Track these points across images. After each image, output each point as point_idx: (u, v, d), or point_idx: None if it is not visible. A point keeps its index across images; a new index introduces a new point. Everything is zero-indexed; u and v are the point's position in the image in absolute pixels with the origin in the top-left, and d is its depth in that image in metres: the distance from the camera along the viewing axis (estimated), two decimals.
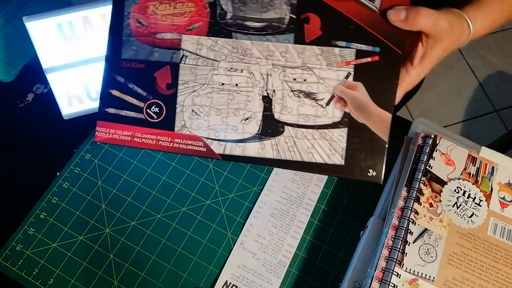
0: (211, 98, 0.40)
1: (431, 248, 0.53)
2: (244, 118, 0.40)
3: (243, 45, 0.40)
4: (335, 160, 0.40)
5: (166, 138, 0.40)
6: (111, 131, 0.41)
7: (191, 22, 0.40)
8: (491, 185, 0.58)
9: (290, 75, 0.40)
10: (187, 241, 0.59)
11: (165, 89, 0.40)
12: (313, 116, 0.40)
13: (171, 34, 0.40)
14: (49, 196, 0.61)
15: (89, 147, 0.64)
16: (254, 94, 0.40)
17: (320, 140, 0.40)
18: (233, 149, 0.40)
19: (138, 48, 0.40)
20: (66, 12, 0.56)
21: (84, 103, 0.60)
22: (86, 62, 0.59)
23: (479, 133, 1.58)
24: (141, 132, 0.40)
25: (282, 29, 0.40)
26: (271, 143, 0.40)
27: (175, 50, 0.40)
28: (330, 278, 0.58)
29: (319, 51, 0.40)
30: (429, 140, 0.59)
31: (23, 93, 0.66)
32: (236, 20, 0.40)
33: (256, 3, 0.40)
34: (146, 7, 0.40)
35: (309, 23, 0.40)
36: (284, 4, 0.40)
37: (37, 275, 0.56)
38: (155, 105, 0.40)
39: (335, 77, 0.40)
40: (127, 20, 0.40)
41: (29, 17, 0.55)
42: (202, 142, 0.40)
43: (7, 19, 0.60)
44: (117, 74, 0.40)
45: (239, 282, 0.57)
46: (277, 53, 0.40)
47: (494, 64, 1.70)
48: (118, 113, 0.40)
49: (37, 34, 0.56)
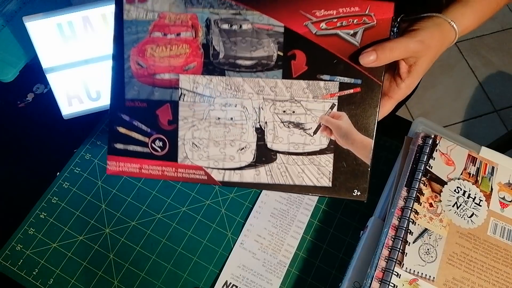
0: (209, 131, 0.44)
1: (431, 248, 0.53)
2: (240, 148, 0.44)
3: (235, 82, 0.43)
4: (323, 182, 0.44)
5: (171, 169, 0.44)
6: (120, 164, 0.44)
7: (187, 62, 0.43)
8: (491, 185, 0.58)
9: (280, 108, 0.44)
10: (187, 241, 0.59)
11: (166, 125, 0.44)
12: (302, 144, 0.44)
13: (169, 74, 0.43)
14: (49, 196, 0.61)
15: (89, 147, 0.64)
16: (248, 126, 0.44)
17: (309, 165, 0.44)
18: (231, 176, 0.44)
19: (139, 88, 0.43)
20: (66, 12, 0.56)
21: (84, 103, 0.60)
22: (86, 62, 0.59)
23: (479, 133, 1.58)
24: (147, 164, 0.44)
25: (270, 66, 0.43)
26: (265, 169, 0.44)
27: (174, 89, 0.43)
28: (330, 278, 0.58)
29: (306, 85, 0.43)
30: (429, 140, 0.59)
31: (23, 93, 0.66)
32: (228, 59, 0.43)
33: (246, 43, 0.43)
34: (144, 50, 0.43)
35: (296, 59, 0.43)
36: (272, 42, 0.43)
37: (37, 275, 0.56)
38: (159, 140, 0.44)
39: (321, 108, 0.44)
40: (128, 63, 0.43)
41: (29, 17, 0.55)
42: (203, 171, 0.44)
43: (7, 19, 0.60)
44: (122, 113, 0.44)
45: (239, 282, 0.57)
46: (267, 88, 0.43)
47: (494, 64, 1.70)
48: (126, 148, 0.44)
49: (37, 34, 0.56)
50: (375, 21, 0.42)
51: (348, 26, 0.42)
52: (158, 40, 0.43)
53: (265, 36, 0.43)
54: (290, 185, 0.44)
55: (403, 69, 0.45)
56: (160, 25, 0.43)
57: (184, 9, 0.43)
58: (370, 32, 0.42)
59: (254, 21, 0.43)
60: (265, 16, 0.43)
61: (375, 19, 0.42)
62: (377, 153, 0.53)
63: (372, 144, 0.44)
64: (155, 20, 0.43)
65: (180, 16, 0.43)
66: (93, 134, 0.65)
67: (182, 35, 0.43)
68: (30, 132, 0.65)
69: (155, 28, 0.43)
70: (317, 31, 0.43)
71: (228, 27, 0.43)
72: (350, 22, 0.42)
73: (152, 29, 0.43)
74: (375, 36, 0.42)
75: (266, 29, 0.43)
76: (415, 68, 0.45)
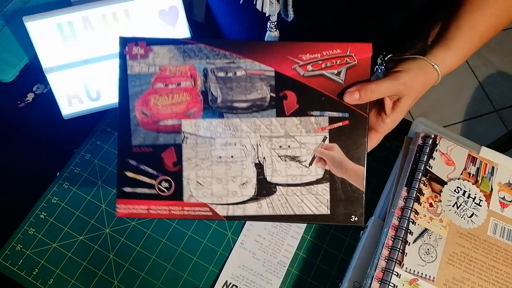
0: (211, 170, 0.47)
1: (431, 248, 0.53)
2: (242, 183, 0.47)
3: (233, 123, 0.47)
4: (322, 210, 0.47)
5: (177, 208, 0.46)
6: (129, 207, 0.46)
7: (188, 108, 0.47)
8: (491, 185, 0.58)
9: (276, 144, 0.47)
10: (187, 241, 0.59)
11: (172, 167, 0.46)
12: (299, 175, 0.47)
13: (172, 120, 0.47)
14: (49, 196, 0.61)
15: (89, 147, 0.64)
16: (248, 162, 0.47)
17: (307, 195, 0.47)
18: (235, 210, 0.46)
19: (145, 135, 0.46)
20: (66, 12, 0.56)
21: (84, 103, 0.60)
22: (86, 62, 0.59)
23: (479, 133, 1.58)
24: (155, 205, 0.46)
25: (265, 106, 0.47)
26: (267, 202, 0.47)
27: (177, 133, 0.47)
28: (330, 278, 0.58)
29: (298, 121, 0.47)
30: (429, 140, 0.59)
31: (23, 93, 0.66)
32: (225, 103, 0.47)
33: (241, 88, 0.47)
34: (148, 100, 0.46)
35: (287, 99, 0.47)
36: (264, 85, 0.47)
37: (37, 275, 0.56)
38: (165, 181, 0.46)
39: (314, 141, 0.47)
40: (133, 112, 0.47)
41: (29, 17, 0.55)
42: (208, 208, 0.46)
43: (7, 19, 0.60)
44: (129, 159, 0.46)
45: (239, 282, 0.57)
46: (263, 126, 0.47)
47: (494, 64, 1.70)
48: (134, 191, 0.46)
49: (37, 34, 0.56)
50: (356, 60, 0.47)
51: (332, 67, 0.47)
52: (161, 90, 0.47)
53: (258, 80, 0.47)
54: (291, 215, 0.47)
55: (387, 106, 0.49)
56: (162, 77, 0.47)
57: (183, 62, 0.47)
58: (352, 70, 0.47)
59: (247, 68, 0.47)
60: (256, 63, 0.47)
61: (356, 59, 0.47)
62: (377, 153, 0.53)
63: (364, 171, 0.47)
64: (157, 72, 0.47)
65: (179, 68, 0.47)
66: (93, 134, 0.65)
67: (182, 85, 0.47)
68: (30, 132, 0.65)
69: (157, 80, 0.47)
70: (304, 73, 0.47)
71: (224, 75, 0.47)
72: (334, 63, 0.47)
73: (155, 81, 0.47)
74: (357, 73, 0.47)
75: (258, 74, 0.47)
76: (398, 105, 0.49)
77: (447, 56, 0.49)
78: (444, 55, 0.49)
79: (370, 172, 0.62)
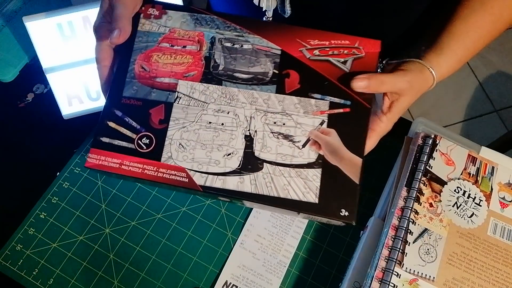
0: (198, 134, 0.45)
1: (431, 248, 0.53)
2: (227, 153, 0.44)
3: (231, 92, 0.46)
4: (310, 198, 0.43)
5: (152, 168, 0.44)
6: (101, 158, 0.44)
7: (188, 70, 0.46)
8: (491, 185, 0.58)
9: (271, 119, 0.45)
10: (187, 241, 0.59)
11: (157, 124, 0.45)
12: (290, 156, 0.44)
13: (169, 79, 0.46)
14: (49, 196, 0.61)
15: (89, 147, 0.64)
16: (238, 133, 0.45)
17: (296, 178, 0.44)
18: (214, 181, 0.44)
19: (138, 88, 0.46)
20: (66, 12, 0.56)
21: (84, 103, 0.60)
22: (86, 62, 0.59)
23: (479, 133, 1.58)
24: (129, 161, 0.44)
25: (265, 81, 0.46)
26: (250, 178, 0.44)
27: (171, 92, 0.46)
28: (330, 278, 0.58)
29: (297, 101, 0.46)
30: (429, 140, 0.59)
31: (23, 93, 0.66)
32: (226, 71, 0.47)
33: (245, 59, 0.47)
34: (150, 56, 0.47)
35: (289, 78, 0.46)
36: (269, 61, 0.47)
37: (37, 275, 0.56)
38: (146, 137, 0.45)
39: (311, 123, 0.45)
40: (132, 65, 0.46)
41: (29, 17, 0.55)
42: (185, 174, 0.44)
43: (7, 19, 0.60)
44: (116, 109, 0.45)
45: (239, 282, 0.57)
46: (260, 100, 0.46)
47: (494, 64, 1.70)
48: (111, 142, 0.45)
49: (37, 34, 0.56)
50: (364, 53, 0.47)
51: (339, 55, 0.47)
52: (165, 49, 0.47)
53: (263, 56, 0.47)
54: (274, 197, 0.43)
55: (385, 104, 0.48)
56: (169, 37, 0.48)
57: (193, 28, 0.48)
58: (359, 62, 0.47)
59: (255, 43, 0.47)
60: (264, 40, 0.47)
61: (364, 52, 0.47)
62: (377, 153, 0.53)
63: (361, 163, 0.44)
64: (166, 33, 0.48)
65: (188, 32, 0.48)
66: (93, 134, 0.65)
67: (187, 48, 0.47)
68: (30, 132, 0.65)
69: (164, 39, 0.47)
70: (310, 56, 0.47)
71: (231, 45, 0.47)
72: (341, 52, 0.47)
73: (162, 40, 0.47)
74: (364, 65, 0.46)
75: (264, 50, 0.47)
76: (396, 104, 0.48)
77: (441, 62, 0.49)
78: (438, 61, 0.49)
79: (370, 172, 0.62)
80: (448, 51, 0.50)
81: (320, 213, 0.43)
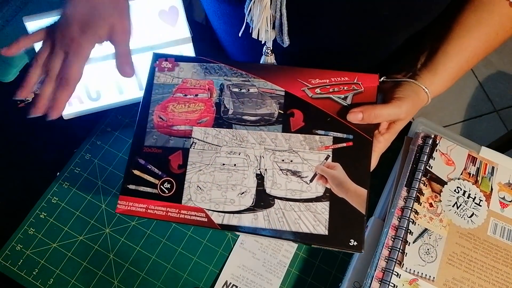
0: (213, 175, 0.48)
1: (431, 248, 0.53)
2: (241, 192, 0.47)
3: (241, 134, 0.49)
4: (320, 230, 0.46)
5: (174, 210, 0.47)
6: (129, 204, 0.48)
7: (201, 117, 0.50)
8: (491, 185, 0.58)
9: (279, 157, 0.48)
10: (187, 241, 0.59)
11: (176, 169, 0.48)
12: (299, 191, 0.47)
13: (185, 126, 0.50)
14: (49, 196, 0.61)
15: (89, 147, 0.64)
16: (249, 172, 0.48)
17: (305, 212, 0.46)
18: (230, 219, 0.47)
19: (157, 137, 0.50)
20: None
21: (84, 103, 0.60)
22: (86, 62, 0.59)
23: (479, 133, 1.58)
24: (154, 205, 0.47)
25: (272, 121, 0.49)
26: (263, 214, 0.47)
27: (187, 138, 0.50)
28: (330, 278, 0.58)
29: (303, 138, 0.49)
30: (429, 140, 0.59)
31: None
32: (236, 115, 0.50)
33: (252, 103, 0.50)
34: (166, 107, 0.51)
35: (294, 117, 0.49)
36: (274, 103, 0.50)
37: (37, 275, 0.56)
38: (167, 182, 0.48)
39: (317, 159, 0.48)
40: (151, 116, 0.51)
41: (29, 17, 0.55)
42: (204, 214, 0.47)
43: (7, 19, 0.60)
44: (139, 157, 0.49)
45: (239, 282, 0.57)
46: (268, 139, 0.49)
47: (494, 64, 1.70)
48: (137, 189, 0.48)
49: None
50: (363, 88, 0.49)
51: (339, 92, 0.49)
52: (179, 99, 0.51)
53: (269, 98, 0.50)
54: (286, 231, 0.46)
55: (383, 126, 0.50)
56: (183, 87, 0.52)
57: (203, 77, 0.52)
58: (359, 96, 0.49)
59: (260, 86, 0.51)
60: (269, 83, 0.51)
61: (363, 87, 0.49)
62: None
63: (366, 194, 0.46)
64: (179, 84, 0.52)
65: (199, 81, 0.52)
66: (93, 134, 0.65)
67: (199, 96, 0.51)
68: (30, 132, 0.65)
69: (178, 90, 0.52)
70: (312, 95, 0.50)
71: (238, 90, 0.51)
72: (341, 88, 0.50)
73: (176, 90, 0.52)
74: (364, 100, 0.49)
75: (269, 93, 0.51)
76: (394, 126, 0.50)
77: (435, 81, 0.51)
78: (432, 79, 0.51)
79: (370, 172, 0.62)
80: (442, 71, 0.51)
81: (330, 245, 0.45)
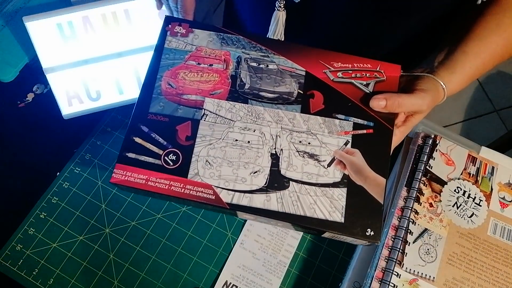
0: (224, 151, 0.45)
1: (431, 248, 0.53)
2: (253, 171, 0.45)
3: (257, 110, 0.47)
4: (336, 217, 0.44)
5: (179, 184, 0.44)
6: (127, 174, 0.44)
7: (215, 88, 0.48)
8: (491, 185, 0.58)
9: (296, 138, 0.46)
10: (187, 241, 0.59)
11: (184, 141, 0.45)
12: (315, 174, 0.45)
13: (196, 96, 0.47)
14: (49, 196, 0.61)
15: (89, 147, 0.64)
16: (264, 151, 0.45)
17: (322, 197, 0.44)
18: (241, 199, 0.43)
19: (165, 104, 0.47)
20: (66, 12, 0.56)
21: (84, 103, 0.60)
22: (86, 62, 0.59)
23: (479, 133, 1.58)
24: (155, 177, 0.44)
25: (291, 101, 0.47)
26: (277, 196, 0.44)
27: (198, 109, 0.47)
28: (330, 278, 0.58)
29: (322, 121, 0.47)
30: (429, 140, 0.59)
31: (23, 93, 0.66)
32: (252, 90, 0.48)
33: (270, 79, 0.48)
34: (177, 73, 0.48)
35: (314, 98, 0.47)
36: (294, 82, 0.48)
37: (37, 275, 0.56)
38: (173, 154, 0.45)
39: (336, 143, 0.46)
40: (159, 82, 0.47)
41: (29, 17, 0.55)
42: (212, 191, 0.44)
43: (7, 19, 0.60)
44: (142, 124, 0.46)
45: (239, 282, 0.57)
46: (285, 119, 0.47)
47: None
48: (137, 158, 0.44)
49: (37, 34, 0.56)
50: (385, 77, 0.48)
51: (361, 78, 0.48)
52: (192, 67, 0.48)
53: (288, 76, 0.48)
54: (300, 216, 0.43)
55: (400, 118, 0.49)
56: (196, 55, 0.49)
57: (220, 47, 0.49)
58: (380, 85, 0.48)
59: (280, 63, 0.49)
60: (289, 61, 0.49)
61: (385, 76, 0.48)
62: None
63: (385, 182, 0.45)
64: (193, 51, 0.49)
65: (215, 51, 0.49)
66: (93, 134, 0.65)
67: (214, 66, 0.48)
68: (30, 132, 0.65)
69: (191, 57, 0.49)
70: (334, 78, 0.48)
71: (256, 65, 0.48)
72: (363, 75, 0.48)
73: (188, 58, 0.49)
74: (386, 88, 0.48)
75: (289, 71, 0.48)
76: (411, 119, 0.50)
77: (452, 79, 0.50)
78: (450, 77, 0.50)
79: None
80: (460, 70, 0.50)
81: (346, 233, 0.43)
